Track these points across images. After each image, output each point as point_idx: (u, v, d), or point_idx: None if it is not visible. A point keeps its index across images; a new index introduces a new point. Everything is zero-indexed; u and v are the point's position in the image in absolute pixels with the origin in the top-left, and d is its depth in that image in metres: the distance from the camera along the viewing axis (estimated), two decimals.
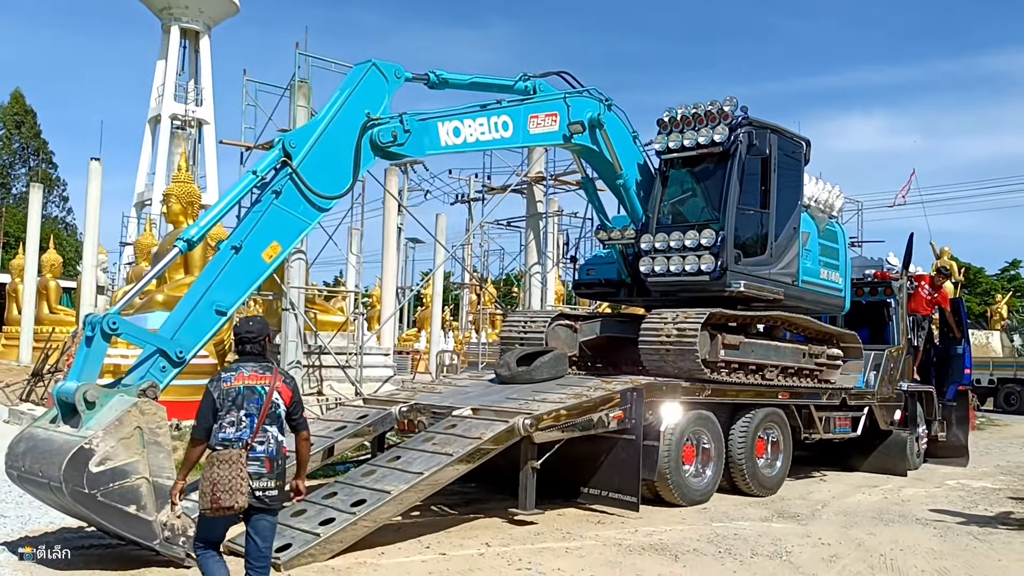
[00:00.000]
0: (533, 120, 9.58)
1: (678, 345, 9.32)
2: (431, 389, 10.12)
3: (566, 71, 10.24)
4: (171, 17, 43.96)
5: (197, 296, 7.00)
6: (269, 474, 4.89)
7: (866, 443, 12.54)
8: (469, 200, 27.39)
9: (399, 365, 23.92)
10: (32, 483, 6.24)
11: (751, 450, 10.13)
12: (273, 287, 16.17)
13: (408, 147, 8.32)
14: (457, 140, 8.81)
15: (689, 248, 9.99)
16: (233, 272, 7.14)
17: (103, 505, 5.93)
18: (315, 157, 7.62)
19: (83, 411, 6.16)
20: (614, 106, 10.44)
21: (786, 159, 10.67)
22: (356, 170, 7.98)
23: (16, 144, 58.88)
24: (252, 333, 5.14)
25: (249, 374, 5.01)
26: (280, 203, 7.43)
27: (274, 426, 4.96)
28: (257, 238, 7.29)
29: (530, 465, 7.95)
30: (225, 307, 7.08)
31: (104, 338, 6.44)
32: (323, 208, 7.76)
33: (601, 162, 10.52)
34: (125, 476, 6.06)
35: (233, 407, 4.90)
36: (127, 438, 6.11)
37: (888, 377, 12.69)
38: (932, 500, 10.63)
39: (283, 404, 5.03)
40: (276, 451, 4.95)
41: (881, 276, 13.78)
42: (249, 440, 4.86)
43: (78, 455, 5.86)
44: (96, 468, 5.92)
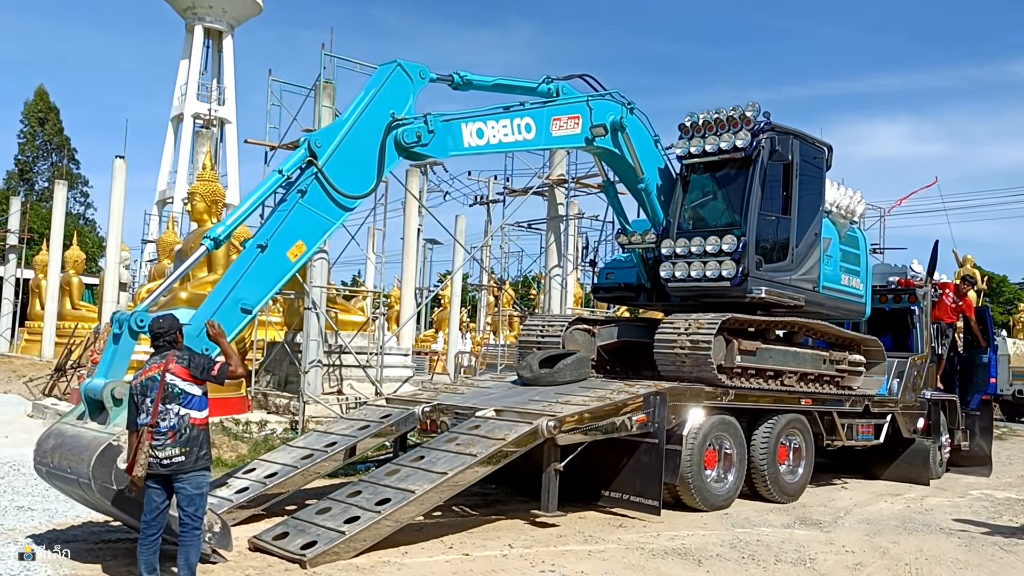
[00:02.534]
0: (556, 122, 9.58)
1: (692, 351, 9.30)
2: (453, 390, 10.14)
3: (589, 74, 10.25)
4: (195, 17, 44.28)
5: (223, 294, 7.05)
6: (173, 443, 5.52)
7: (888, 451, 12.45)
8: (488, 202, 27.43)
9: (416, 366, 23.99)
10: (60, 479, 6.32)
11: (773, 456, 10.09)
12: (295, 286, 16.24)
13: (432, 148, 8.32)
14: (480, 141, 8.82)
15: (710, 254, 9.97)
16: (258, 271, 7.21)
17: (130, 502, 6.01)
18: (340, 157, 7.66)
19: (111, 408, 6.23)
20: (636, 109, 10.43)
21: (808, 165, 10.64)
22: (380, 170, 8.01)
23: (39, 140, 59.46)
24: (163, 329, 5.78)
25: (150, 366, 5.66)
26: (306, 202, 7.47)
27: (174, 403, 5.55)
28: (283, 237, 7.33)
29: (553, 467, 7.96)
30: (251, 305, 7.15)
31: (132, 336, 6.49)
32: (348, 208, 7.79)
33: (622, 165, 10.51)
34: None
35: (143, 397, 5.60)
36: None
37: (911, 385, 12.59)
38: (956, 510, 10.55)
39: (180, 381, 5.59)
40: (179, 424, 5.54)
41: (905, 283, 13.68)
42: (150, 420, 5.50)
43: (106, 452, 5.96)
44: (124, 464, 5.95)
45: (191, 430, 5.58)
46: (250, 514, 7.76)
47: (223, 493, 7.71)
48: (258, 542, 6.78)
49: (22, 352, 27.66)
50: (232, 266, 7.38)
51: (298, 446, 8.67)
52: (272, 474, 7.99)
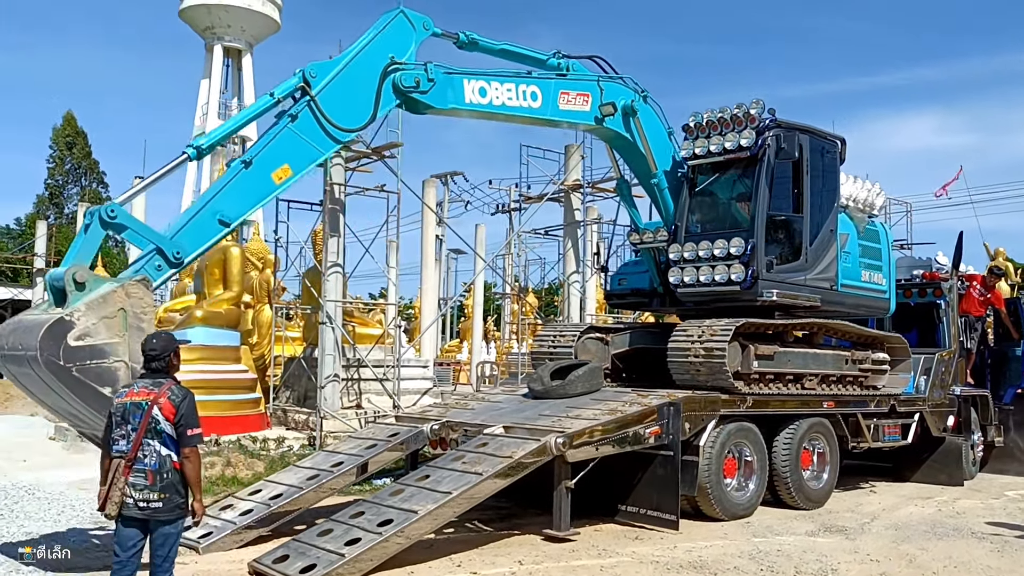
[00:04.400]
0: (564, 96, 9.47)
1: (707, 359, 9.05)
2: (464, 405, 9.97)
3: (601, 56, 10.10)
4: (214, 36, 44.74)
5: (202, 204, 7.00)
6: (151, 486, 5.04)
7: (918, 451, 12.10)
8: (510, 210, 27.24)
9: (440, 377, 23.88)
10: (12, 359, 6.11)
11: (796, 462, 9.81)
12: (312, 300, 16.22)
13: (431, 96, 8.26)
14: (483, 100, 8.73)
15: (719, 257, 9.73)
16: (241, 185, 7.16)
17: (77, 381, 5.84)
18: (334, 90, 7.66)
19: (71, 291, 6.03)
20: (650, 98, 10.26)
21: (819, 160, 10.34)
22: (375, 109, 7.99)
23: (68, 165, 60.34)
24: (155, 351, 5.26)
25: (138, 390, 5.16)
26: (295, 127, 7.49)
27: (156, 440, 5.06)
28: (268, 157, 7.31)
29: (564, 485, 7.76)
30: (229, 218, 7.05)
31: (102, 225, 6.43)
32: (339, 140, 7.81)
33: (635, 156, 10.31)
34: (103, 356, 5.99)
35: (122, 421, 5.10)
36: (110, 318, 6.04)
37: (939, 381, 12.24)
38: (990, 512, 10.19)
39: (163, 419, 5.07)
40: (159, 465, 5.06)
41: (930, 277, 13.32)
42: (130, 452, 5.03)
43: (56, 325, 5.77)
44: (74, 342, 5.83)
45: (172, 474, 5.10)
46: (256, 535, 7.65)
47: (227, 515, 7.61)
48: (258, 566, 6.65)
49: None
50: (220, 176, 7.34)
51: (304, 466, 8.55)
52: (277, 495, 7.88)
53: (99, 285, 6.21)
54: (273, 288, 18.23)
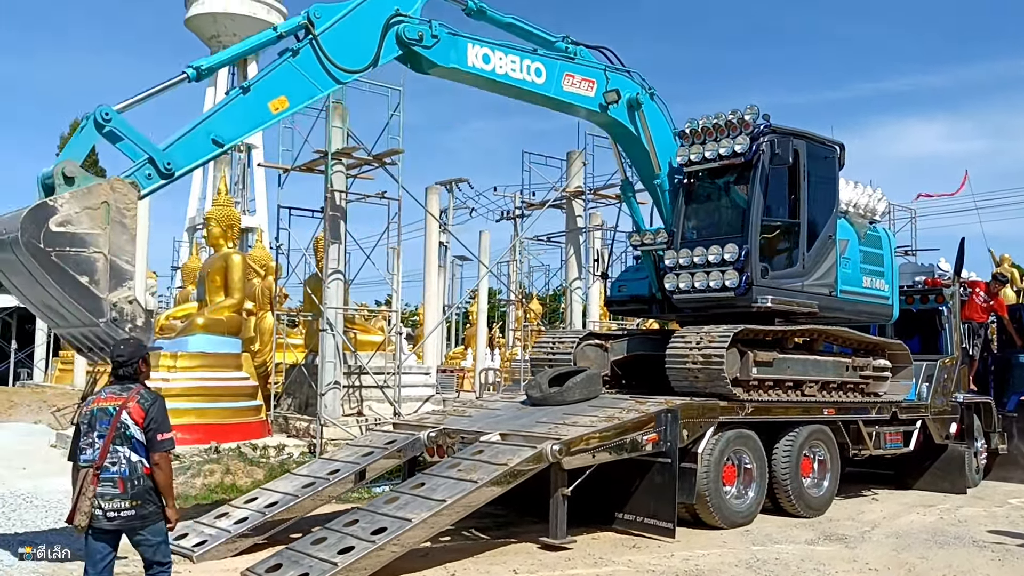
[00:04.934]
0: (568, 78, 9.51)
1: (705, 366, 9.00)
2: (461, 412, 9.94)
3: (609, 48, 10.12)
4: (220, 44, 44.78)
5: (197, 122, 7.09)
6: (122, 494, 4.90)
7: (921, 459, 12.01)
8: (514, 216, 27.25)
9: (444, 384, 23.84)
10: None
11: (796, 469, 9.75)
12: (313, 307, 16.21)
13: (434, 52, 8.37)
14: (485, 66, 8.80)
15: (713, 264, 9.68)
16: (237, 109, 7.29)
17: (56, 265, 5.87)
18: (337, 32, 7.83)
19: (59, 185, 6.07)
20: (656, 96, 10.26)
21: (816, 166, 10.29)
22: (376, 57, 8.10)
23: None
24: (123, 357, 5.16)
25: (106, 396, 5.05)
26: (295, 62, 7.58)
27: (125, 446, 4.93)
28: (267, 86, 7.44)
29: (560, 492, 7.71)
30: (222, 139, 7.16)
31: (96, 128, 6.52)
32: (338, 80, 7.91)
33: (639, 153, 10.31)
34: (84, 245, 6.03)
35: (90, 428, 4.97)
36: (93, 208, 6.09)
37: (942, 388, 12.16)
38: (992, 520, 10.10)
39: (133, 424, 4.96)
40: (130, 471, 4.93)
41: (932, 283, 13.26)
42: (98, 460, 4.88)
43: (39, 209, 5.81)
44: (56, 227, 5.86)
45: (143, 481, 4.94)
46: (251, 543, 7.63)
47: (222, 523, 7.59)
48: (251, 574, 6.62)
49: (56, 382, 28.00)
50: (219, 102, 7.48)
51: (301, 474, 8.54)
52: (273, 503, 7.86)
53: (88, 181, 6.27)
54: (275, 295, 18.24)
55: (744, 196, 9.86)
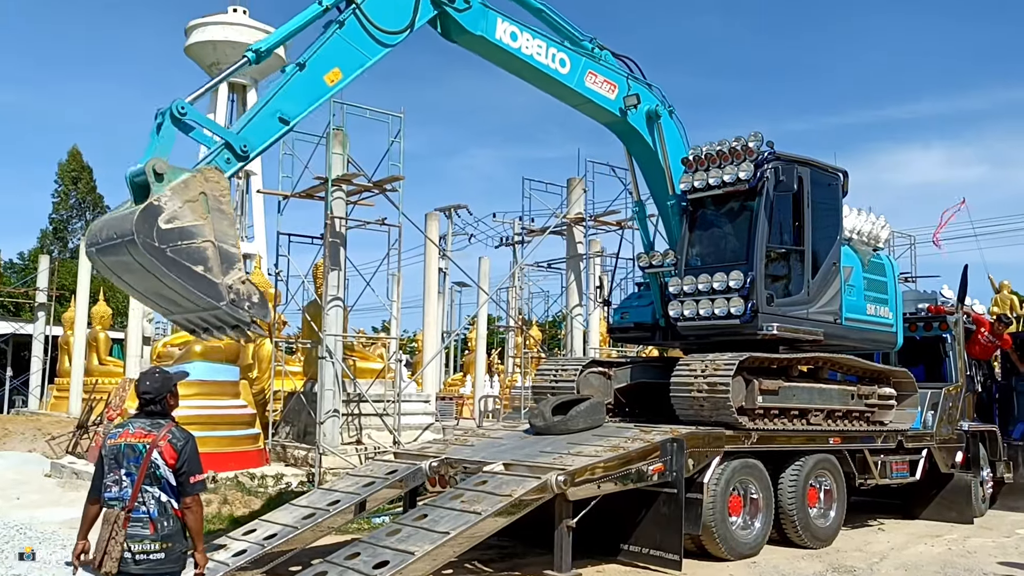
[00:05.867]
0: (591, 75, 9.68)
1: (711, 395, 8.90)
2: (463, 442, 9.80)
3: (632, 58, 10.22)
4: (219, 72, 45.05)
5: (263, 103, 7.36)
6: (152, 536, 4.68)
7: (927, 488, 11.89)
8: (513, 243, 27.23)
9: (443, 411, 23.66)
10: (108, 250, 6.34)
11: (803, 499, 9.62)
12: (312, 335, 16.09)
13: (464, 17, 8.54)
14: (513, 44, 8.96)
15: (718, 291, 9.61)
16: (296, 86, 7.52)
17: (173, 260, 6.16)
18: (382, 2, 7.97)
19: (153, 183, 6.28)
20: (675, 114, 10.32)
21: (820, 192, 10.26)
22: (414, 18, 8.22)
23: (73, 199, 60.58)
24: (150, 394, 4.92)
25: (135, 431, 4.81)
26: (342, 34, 7.78)
27: (155, 487, 4.72)
28: (320, 61, 7.67)
29: (565, 524, 7.57)
30: (288, 116, 7.42)
31: (173, 122, 6.65)
32: (385, 44, 8.05)
33: (654, 169, 10.36)
34: (192, 237, 6.31)
35: (116, 465, 4.76)
36: (193, 201, 6.37)
37: (947, 416, 12.06)
38: (1001, 551, 9.95)
39: (164, 464, 4.73)
40: (159, 512, 4.71)
41: (935, 310, 13.18)
42: (128, 502, 4.67)
43: (148, 209, 6.09)
44: (165, 224, 6.14)
45: (174, 522, 4.74)
46: None
47: (220, 556, 7.42)
48: None
49: (51, 409, 27.76)
50: (276, 83, 7.60)
51: (300, 505, 8.38)
52: (272, 535, 7.70)
53: (178, 175, 6.43)
54: (273, 322, 18.12)
55: (749, 223, 9.81)
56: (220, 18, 44.51)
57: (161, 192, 6.24)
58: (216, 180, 6.61)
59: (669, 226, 10.62)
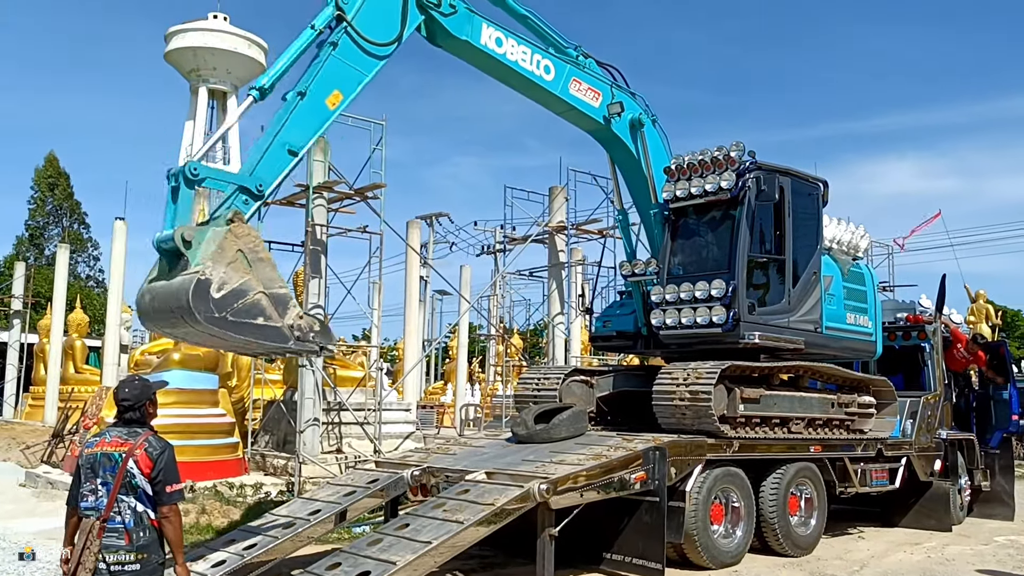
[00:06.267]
0: (575, 83, 9.69)
1: (692, 403, 8.92)
2: (445, 450, 9.76)
3: (616, 67, 10.23)
4: (199, 79, 44.78)
5: (269, 138, 7.34)
6: (127, 547, 4.63)
7: (906, 496, 11.95)
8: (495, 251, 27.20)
9: (424, 419, 23.56)
10: (164, 322, 6.63)
11: (783, 508, 9.65)
12: None
13: (450, 21, 8.51)
14: (498, 49, 8.95)
15: (700, 300, 9.63)
16: (301, 115, 7.50)
17: (235, 323, 6.44)
18: (367, 11, 7.90)
19: (185, 251, 6.45)
20: (658, 124, 10.39)
21: (801, 202, 10.33)
22: (402, 28, 8.18)
23: (49, 206, 59.96)
24: (128, 401, 4.88)
25: (111, 440, 4.77)
26: (338, 54, 7.72)
27: (131, 496, 4.67)
28: (320, 85, 7.62)
29: (547, 533, 7.53)
30: (296, 147, 7.43)
31: (189, 185, 6.72)
32: (379, 56, 8.02)
33: (637, 177, 10.38)
34: (244, 294, 6.55)
35: (92, 475, 4.71)
36: (233, 262, 6.59)
37: (926, 425, 12.15)
38: (980, 559, 10.03)
39: (139, 474, 4.68)
40: (135, 522, 4.66)
41: (914, 320, 13.29)
42: (104, 511, 4.63)
43: (199, 286, 6.28)
44: (218, 293, 6.37)
45: (150, 532, 4.67)
46: None
47: (199, 567, 7.32)
48: None
49: (26, 418, 27.42)
50: (275, 115, 7.59)
51: (281, 514, 8.29)
52: (252, 545, 7.60)
53: (204, 236, 6.56)
54: None
55: (730, 232, 9.85)
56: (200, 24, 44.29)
57: (202, 264, 6.42)
58: (247, 233, 6.75)
59: (652, 235, 10.64)
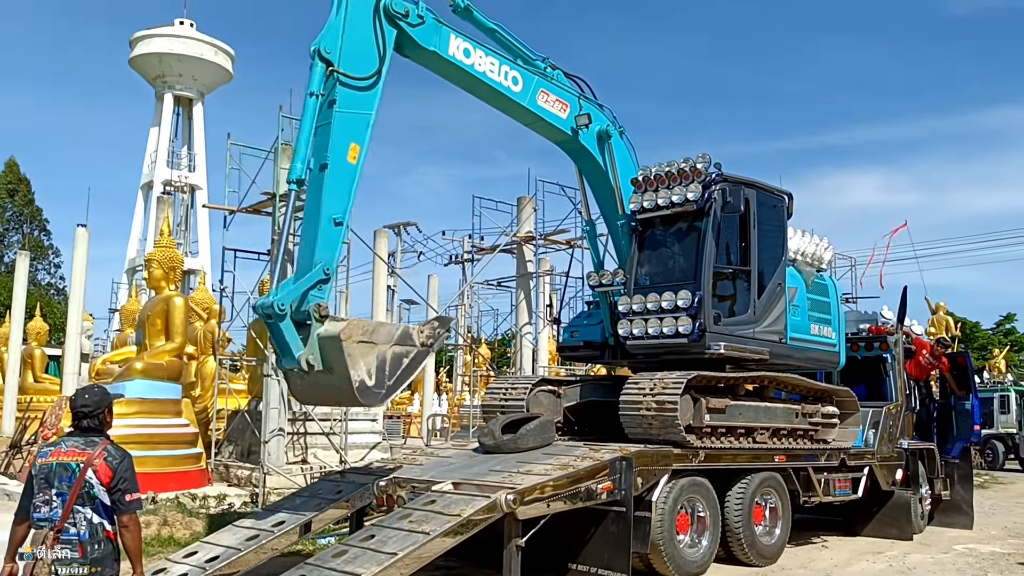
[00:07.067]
0: (543, 94, 9.69)
1: (659, 413, 8.95)
2: (412, 461, 9.70)
3: (583, 79, 10.26)
4: (165, 85, 44.44)
5: (314, 219, 7.58)
6: (81, 559, 4.55)
7: (868, 505, 12.08)
8: (463, 261, 27.19)
9: (390, 430, 23.42)
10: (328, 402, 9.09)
11: (748, 517, 9.70)
12: (257, 352, 15.84)
13: (418, 32, 8.43)
14: (466, 60, 8.92)
15: (667, 310, 9.68)
16: (332, 184, 7.61)
17: (397, 382, 7.56)
18: (347, 49, 7.81)
19: (321, 369, 7.33)
20: (625, 135, 10.43)
21: (766, 214, 10.44)
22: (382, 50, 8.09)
23: (9, 212, 58.93)
24: (88, 407, 4.79)
25: (67, 449, 4.66)
26: (339, 109, 7.71)
27: (88, 507, 4.59)
28: (336, 149, 7.65)
29: (514, 543, 7.49)
30: (340, 216, 7.65)
31: (281, 319, 7.22)
32: (373, 87, 7.97)
33: (605, 188, 10.41)
34: (385, 361, 7.46)
35: (46, 485, 4.61)
36: (363, 355, 7.39)
37: (888, 435, 12.30)
38: (940, 567, 10.16)
39: (98, 484, 4.60)
40: (90, 534, 4.58)
41: (876, 331, 13.47)
42: (59, 522, 4.53)
43: (361, 390, 7.32)
44: (372, 380, 7.37)
45: (104, 545, 4.60)
46: None
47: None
48: None
49: None
50: (307, 195, 7.79)
51: (244, 526, 8.18)
52: (214, 558, 7.49)
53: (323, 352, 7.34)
54: (218, 339, 17.79)
55: (696, 243, 9.92)
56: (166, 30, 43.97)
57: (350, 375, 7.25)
58: (352, 326, 7.44)
59: (619, 245, 10.69)
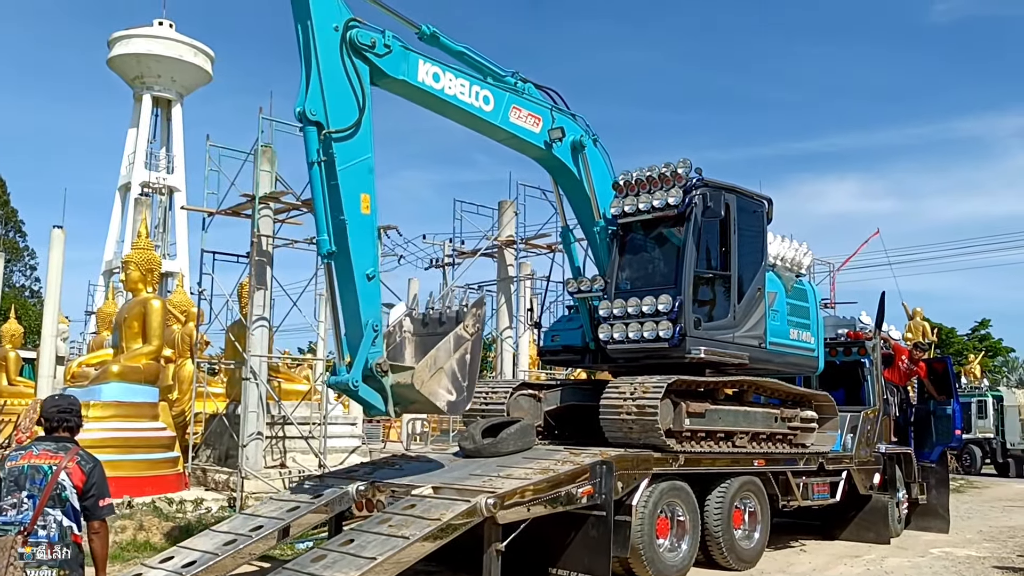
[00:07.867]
0: (515, 111, 9.65)
1: (639, 417, 8.97)
2: (391, 465, 9.65)
3: (555, 90, 10.22)
4: (143, 86, 44.01)
5: (349, 282, 7.79)
6: (50, 561, 4.58)
7: (846, 509, 12.16)
8: (443, 264, 27.08)
9: (370, 434, 23.30)
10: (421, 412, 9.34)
11: (728, 521, 9.73)
12: (235, 355, 15.71)
13: (385, 61, 8.33)
14: (436, 85, 8.84)
15: (647, 314, 9.70)
16: (357, 243, 7.78)
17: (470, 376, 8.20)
18: (332, 103, 7.79)
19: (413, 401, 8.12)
20: (599, 143, 10.42)
21: (746, 219, 10.49)
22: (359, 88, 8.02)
23: None
24: (62, 412, 4.85)
25: (39, 453, 4.70)
26: (342, 166, 7.74)
27: (58, 510, 4.61)
28: (350, 206, 7.75)
29: (494, 548, 7.48)
30: (372, 270, 7.91)
31: (353, 393, 7.81)
32: (362, 128, 7.92)
33: (581, 197, 10.40)
34: (454, 374, 8.13)
35: (16, 488, 4.62)
36: (437, 381, 7.97)
37: (865, 439, 12.38)
38: (917, 571, 10.24)
39: (71, 487, 4.64)
40: (59, 537, 4.61)
41: (854, 336, 13.58)
42: (28, 524, 4.55)
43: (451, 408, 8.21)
44: (455, 395, 8.07)
45: (72, 548, 4.65)
46: None
47: None
48: None
49: None
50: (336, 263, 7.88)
51: (221, 531, 8.10)
52: (191, 563, 7.41)
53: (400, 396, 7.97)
54: (195, 342, 17.64)
55: (677, 248, 9.95)
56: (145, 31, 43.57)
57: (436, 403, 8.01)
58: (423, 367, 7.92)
59: (596, 252, 10.70)
